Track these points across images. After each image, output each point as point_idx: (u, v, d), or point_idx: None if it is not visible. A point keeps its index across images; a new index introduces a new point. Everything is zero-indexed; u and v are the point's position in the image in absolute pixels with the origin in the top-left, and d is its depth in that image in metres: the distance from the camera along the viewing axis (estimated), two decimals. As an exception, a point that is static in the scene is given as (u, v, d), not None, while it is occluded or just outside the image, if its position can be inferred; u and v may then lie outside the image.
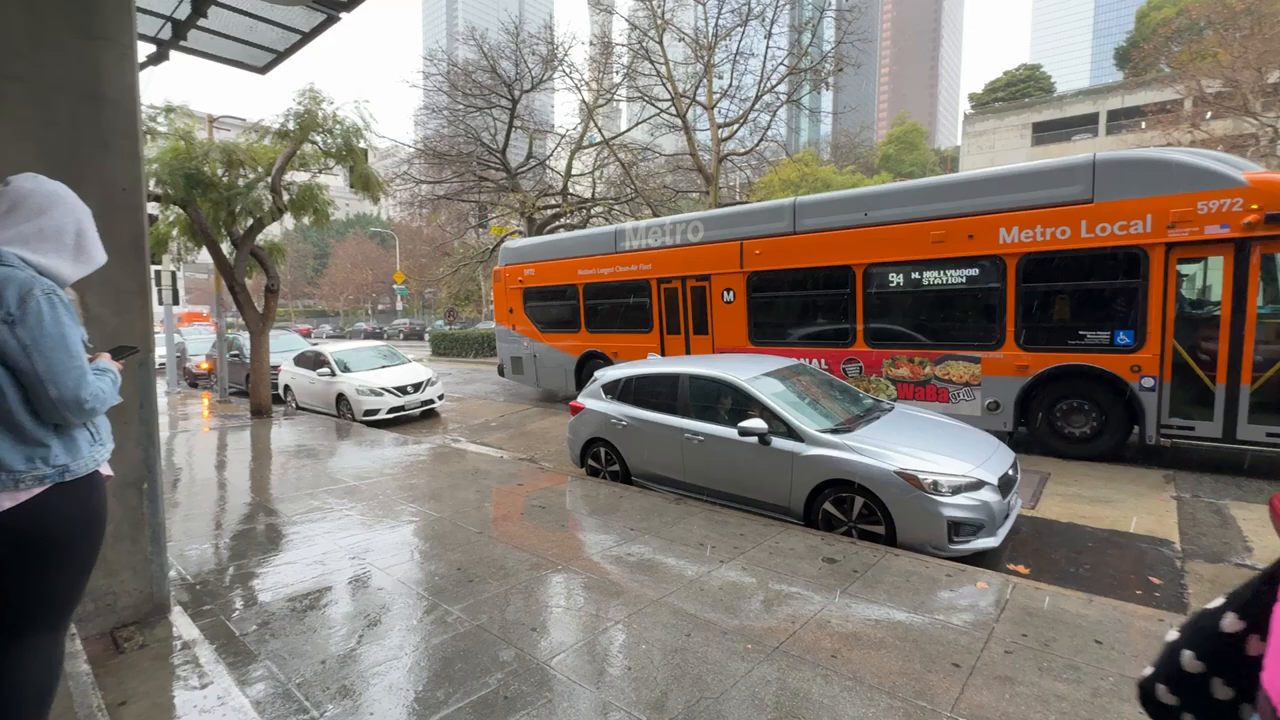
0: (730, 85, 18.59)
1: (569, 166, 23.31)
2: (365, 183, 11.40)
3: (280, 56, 6.48)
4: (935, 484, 4.56)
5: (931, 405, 7.89)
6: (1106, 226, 6.79)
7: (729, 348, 9.88)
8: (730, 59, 18.30)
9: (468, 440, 10.17)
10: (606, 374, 7.17)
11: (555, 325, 12.70)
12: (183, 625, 3.66)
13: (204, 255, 11.95)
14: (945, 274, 7.93)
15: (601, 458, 6.96)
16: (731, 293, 9.86)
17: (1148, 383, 6.71)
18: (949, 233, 7.77)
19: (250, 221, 11.03)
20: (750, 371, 6.01)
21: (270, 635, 3.61)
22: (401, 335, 45.59)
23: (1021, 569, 4.70)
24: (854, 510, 4.98)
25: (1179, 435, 6.65)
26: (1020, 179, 7.43)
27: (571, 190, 24.30)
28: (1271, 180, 6.11)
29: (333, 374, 12.13)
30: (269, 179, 10.79)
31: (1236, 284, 6.25)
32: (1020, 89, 59.86)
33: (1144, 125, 30.41)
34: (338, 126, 10.79)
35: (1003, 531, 4.68)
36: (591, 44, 23.62)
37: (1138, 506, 5.84)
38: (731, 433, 5.56)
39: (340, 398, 11.90)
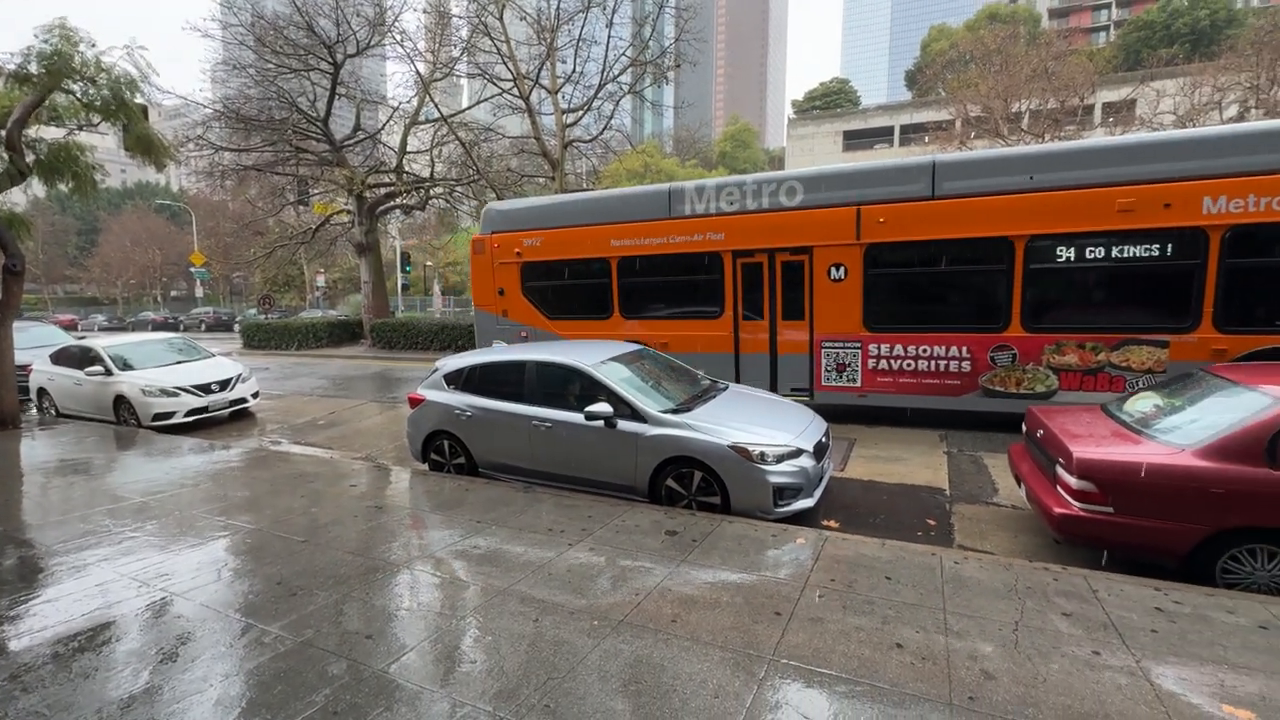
0: (574, 71, 18.51)
1: (403, 142, 21.63)
2: (145, 146, 9.63)
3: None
4: (762, 454, 5.02)
5: (1102, 397, 6.79)
6: None
7: (834, 334, 8.34)
8: (573, 44, 18.20)
9: (290, 442, 9.14)
10: (448, 364, 6.86)
11: (572, 310, 10.22)
12: (-113, 696, 2.89)
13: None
14: (1131, 248, 6.92)
15: (445, 451, 6.66)
16: (842, 269, 8.20)
17: None
18: (1139, 201, 6.79)
19: (-24, 185, 8.80)
20: (596, 357, 6.11)
21: (22, 690, 2.98)
22: (203, 326, 39.47)
23: (833, 524, 5.36)
24: (693, 484, 5.32)
25: None
26: (1237, 140, 6.59)
27: (407, 168, 22.63)
28: None
29: (108, 373, 10.16)
30: (2, 132, 8.67)
31: None
32: (833, 99, 67.01)
33: (927, 140, 35.68)
34: (103, 75, 8.95)
35: (818, 492, 5.29)
36: (426, 12, 22.08)
37: (920, 462, 6.95)
38: (578, 417, 5.63)
39: (120, 400, 10.02)
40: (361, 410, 11.25)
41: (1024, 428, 5.26)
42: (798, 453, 5.12)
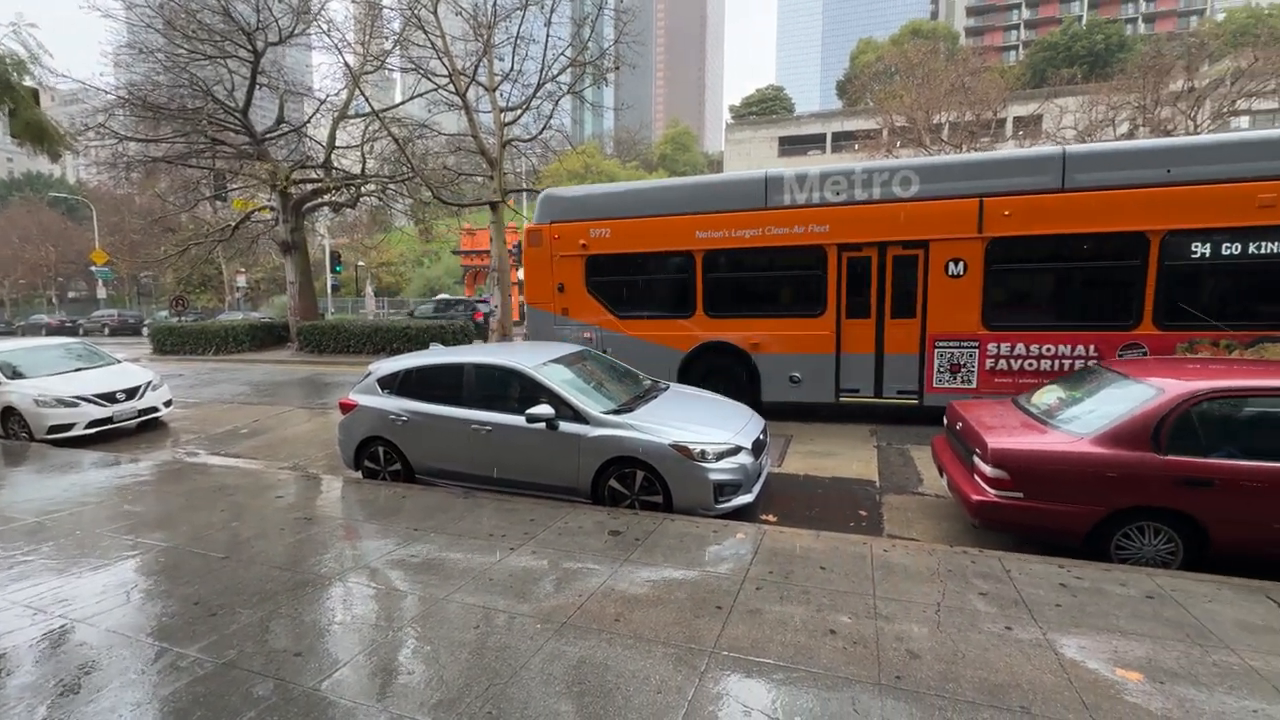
0: (512, 69, 18.21)
1: (332, 137, 20.66)
2: (35, 133, 8.81)
3: None
4: (703, 453, 5.12)
5: None
6: None
7: (949, 333, 8.00)
8: (511, 42, 17.91)
9: (209, 453, 8.58)
10: (382, 367, 6.63)
11: (646, 308, 9.44)
12: None
13: None
14: (1270, 244, 6.84)
15: (380, 458, 6.43)
16: (961, 264, 7.84)
17: None
18: None
19: None
20: (537, 358, 6.06)
21: (-105, 736, 2.68)
22: (106, 330, 36.41)
23: (771, 518, 5.53)
24: (636, 484, 5.36)
25: None
26: None
27: (336, 164, 21.64)
28: None
29: (-6, 382, 9.22)
30: None
31: None
32: (769, 105, 68.93)
33: (856, 147, 37.25)
34: (-16, 54, 8.14)
35: (757, 488, 5.44)
36: (355, 2, 21.20)
37: (853, 456, 7.26)
38: (519, 420, 5.56)
39: (8, 412, 9.12)
40: (288, 417, 10.69)
41: (945, 420, 5.59)
42: (737, 450, 5.24)
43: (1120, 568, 4.05)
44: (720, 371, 8.81)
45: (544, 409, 5.42)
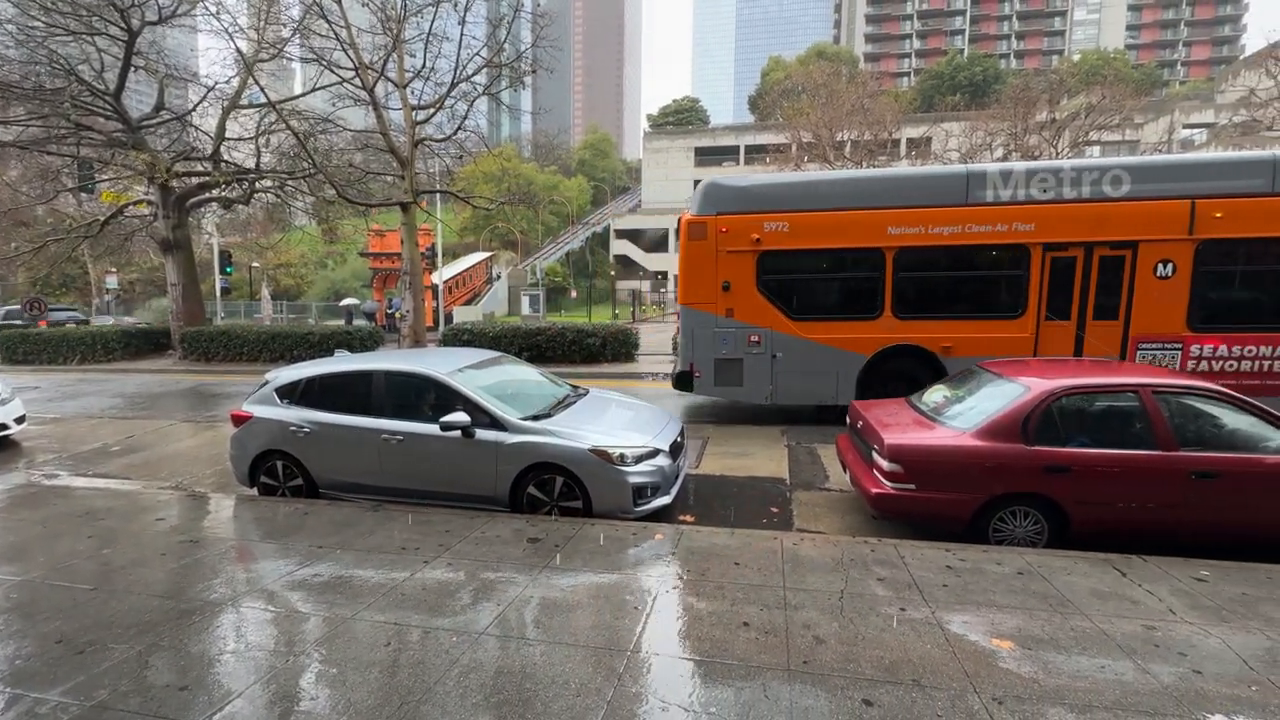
0: (424, 66, 17.59)
1: (221, 127, 19.05)
2: None
3: None
4: (621, 456, 5.17)
5: None
6: None
7: (1152, 335, 7.97)
8: (423, 38, 17.30)
9: (72, 473, 7.66)
10: (281, 376, 6.21)
11: (827, 310, 8.90)
12: None
13: None
14: None
15: (279, 473, 6.01)
16: (1170, 265, 7.81)
17: None
18: None
19: None
20: (451, 365, 5.90)
21: None
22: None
23: (689, 518, 5.67)
24: (555, 490, 5.32)
25: None
26: None
27: (227, 157, 19.98)
28: None
29: None
30: None
31: None
32: (685, 116, 70.68)
33: (768, 160, 38.97)
34: None
35: (675, 489, 5.56)
36: (248, -16, 19.74)
37: (765, 455, 7.57)
38: (433, 428, 5.39)
39: None
40: (169, 432, 9.74)
41: (847, 420, 5.97)
42: (655, 453, 5.34)
43: (997, 549, 4.48)
44: (904, 376, 8.36)
45: (459, 416, 5.28)
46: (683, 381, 9.16)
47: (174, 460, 8.16)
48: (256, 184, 20.17)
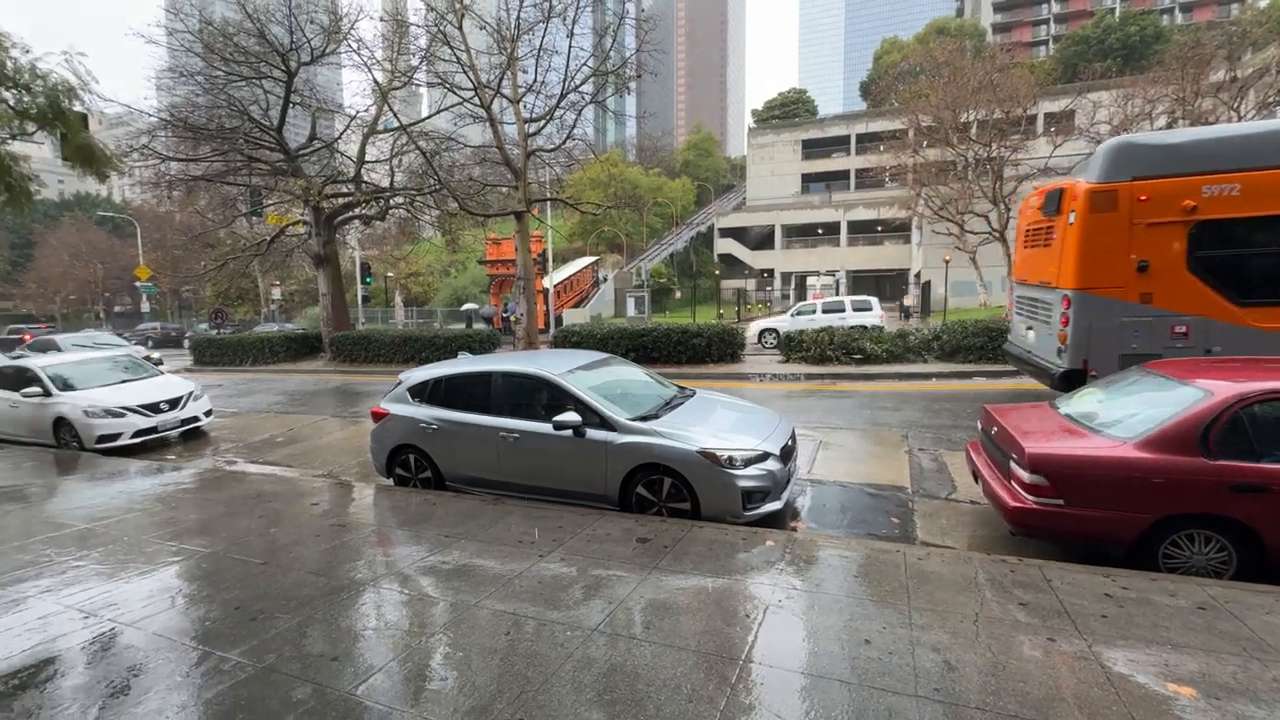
0: (535, 80, 18.47)
1: (361, 151, 21.20)
2: (85, 155, 9.23)
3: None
4: (731, 459, 5.08)
5: None
6: None
7: None
8: (534, 54, 18.17)
9: (247, 461, 8.82)
10: (412, 376, 6.75)
11: None
12: None
13: None
14: None
15: (411, 465, 6.54)
16: None
17: None
18: None
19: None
20: (563, 366, 6.10)
21: (-41, 734, 2.80)
22: (150, 343, 37.77)
23: (801, 524, 5.46)
24: (664, 490, 5.34)
25: None
26: None
27: (366, 178, 22.17)
28: None
29: (46, 394, 9.64)
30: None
31: None
32: (791, 109, 68.53)
33: (882, 149, 36.80)
34: (39, 82, 8.56)
35: (786, 495, 5.38)
36: (383, 20, 21.75)
37: (884, 461, 7.12)
38: (547, 427, 5.60)
39: (60, 423, 9.51)
40: (322, 426, 10.94)
41: (979, 425, 5.45)
42: (765, 456, 5.19)
43: (1169, 577, 3.89)
44: None
45: (570, 416, 5.45)
46: (1072, 381, 7.29)
47: (325, 451, 9.15)
48: (391, 201, 22.18)
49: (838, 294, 32.29)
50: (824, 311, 20.07)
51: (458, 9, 17.22)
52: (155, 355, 17.95)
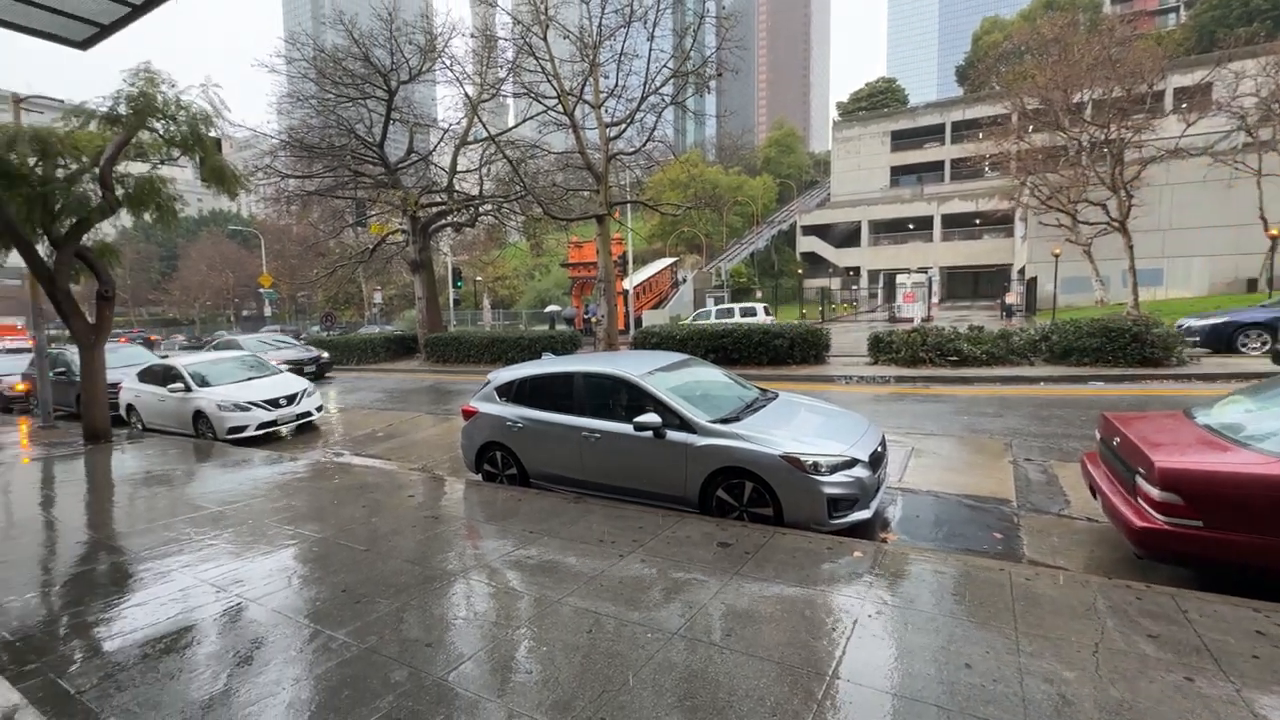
0: (616, 85, 18.74)
1: (453, 162, 22.41)
2: (219, 176, 10.28)
3: (104, 31, 5.70)
4: (816, 465, 4.90)
5: None
6: None
7: None
8: (615, 59, 18.44)
9: (352, 453, 9.52)
10: (499, 376, 7.01)
11: None
12: None
13: (15, 258, 10.17)
14: None
15: (498, 462, 6.79)
16: None
17: None
18: None
19: (73, 220, 9.59)
20: (643, 367, 6.13)
21: (116, 689, 3.18)
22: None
23: (891, 536, 5.18)
24: (745, 495, 5.23)
25: None
26: None
27: (457, 187, 23.39)
28: None
29: (188, 389, 10.85)
30: (96, 170, 9.43)
31: None
32: (879, 100, 65.52)
33: (981, 136, 34.36)
34: (182, 112, 9.64)
35: (874, 504, 5.12)
36: (473, 36, 22.85)
37: (984, 471, 6.63)
38: (627, 428, 5.64)
39: (198, 415, 10.68)
40: (417, 422, 11.62)
41: (1098, 435, 4.95)
42: (852, 463, 4.97)
43: (1340, 617, 3.35)
44: None
45: (651, 417, 5.46)
46: None
47: (420, 446, 9.71)
48: (480, 208, 23.25)
49: (930, 293, 30.59)
50: (716, 318, 22.00)
51: (542, 20, 17.78)
52: (325, 356, 20.00)
